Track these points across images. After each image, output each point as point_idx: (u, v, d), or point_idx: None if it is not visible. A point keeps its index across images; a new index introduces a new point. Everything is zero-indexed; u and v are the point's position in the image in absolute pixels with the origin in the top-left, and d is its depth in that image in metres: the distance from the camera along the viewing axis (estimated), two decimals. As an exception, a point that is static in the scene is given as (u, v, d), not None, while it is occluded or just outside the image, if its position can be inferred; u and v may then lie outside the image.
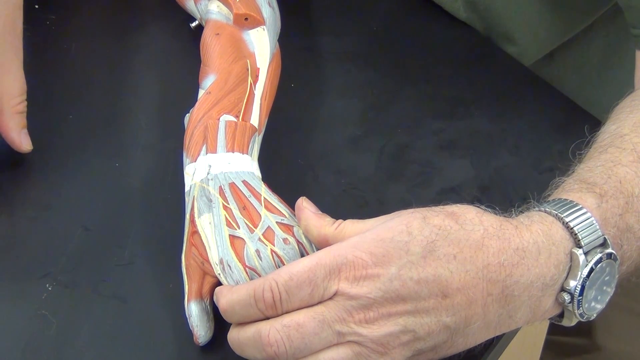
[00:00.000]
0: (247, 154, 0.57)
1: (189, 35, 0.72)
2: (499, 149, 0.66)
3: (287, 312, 0.47)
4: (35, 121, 0.66)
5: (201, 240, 0.53)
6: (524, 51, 0.76)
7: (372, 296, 0.46)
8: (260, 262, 0.50)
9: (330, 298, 0.46)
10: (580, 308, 0.49)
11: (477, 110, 0.69)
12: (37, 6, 0.73)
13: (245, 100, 0.60)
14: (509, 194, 0.63)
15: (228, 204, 0.53)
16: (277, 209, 0.53)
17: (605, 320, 0.94)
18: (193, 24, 0.72)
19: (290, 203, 0.54)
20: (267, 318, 0.48)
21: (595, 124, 0.62)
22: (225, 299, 0.49)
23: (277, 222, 0.52)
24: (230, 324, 0.51)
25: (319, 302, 0.47)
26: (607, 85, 0.81)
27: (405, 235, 0.47)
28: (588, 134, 0.57)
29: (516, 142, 0.67)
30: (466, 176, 0.64)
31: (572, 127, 0.68)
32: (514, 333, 0.59)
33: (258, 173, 0.57)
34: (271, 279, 0.47)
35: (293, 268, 0.47)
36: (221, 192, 0.54)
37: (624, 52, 0.78)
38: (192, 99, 0.61)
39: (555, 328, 0.52)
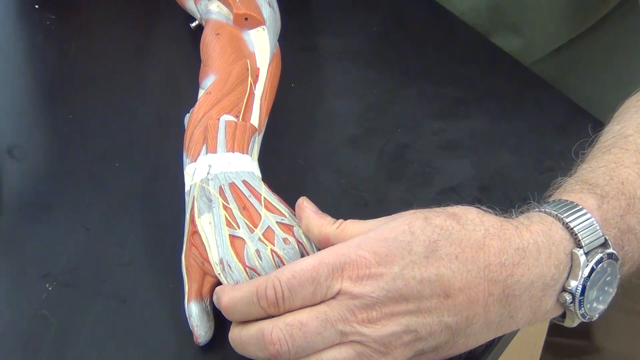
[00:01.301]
0: (247, 153, 0.57)
1: (189, 35, 0.72)
2: (499, 149, 0.66)
3: (289, 311, 0.47)
4: (35, 121, 0.66)
5: (201, 240, 0.53)
6: (530, 45, 0.75)
7: (375, 295, 0.46)
8: (260, 262, 0.50)
9: (333, 297, 0.47)
10: (582, 308, 0.49)
11: (477, 110, 0.69)
12: (37, 6, 0.73)
13: (245, 100, 0.60)
14: (509, 194, 0.63)
15: (228, 203, 0.53)
16: (277, 209, 0.53)
17: (604, 321, 0.94)
18: (193, 24, 0.72)
19: (290, 203, 0.54)
20: (269, 316, 0.48)
21: (596, 124, 0.62)
22: (227, 296, 0.49)
23: (277, 222, 0.52)
24: (231, 324, 0.51)
25: (322, 301, 0.47)
26: (610, 84, 0.81)
27: (408, 235, 0.47)
28: (592, 133, 0.57)
29: (516, 142, 0.67)
30: (466, 176, 0.64)
31: (573, 127, 0.67)
32: (513, 333, 0.59)
33: (258, 173, 0.57)
34: (274, 276, 0.47)
35: (296, 266, 0.47)
36: (221, 192, 0.54)
37: (630, 52, 0.78)
38: (192, 99, 0.61)
39: (554, 329, 0.52)
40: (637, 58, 0.63)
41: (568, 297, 0.48)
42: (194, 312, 0.53)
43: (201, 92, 0.61)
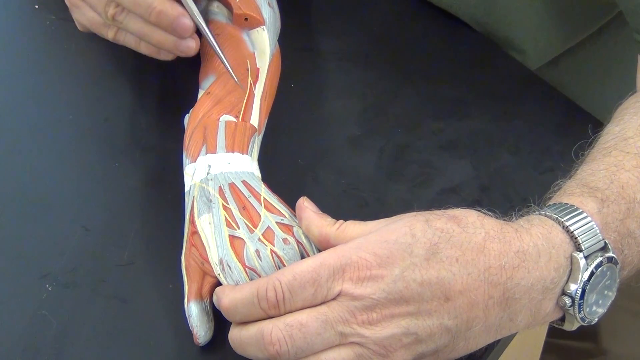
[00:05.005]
0: (247, 154, 0.57)
1: (189, 35, 0.72)
2: (499, 149, 0.66)
3: (290, 312, 0.47)
4: (35, 121, 0.66)
5: (201, 240, 0.53)
6: (526, 57, 0.75)
7: (375, 297, 0.46)
8: (260, 262, 0.50)
9: (334, 298, 0.47)
10: (582, 312, 0.49)
11: (477, 111, 0.69)
12: (37, 6, 0.73)
13: (245, 100, 0.60)
14: (509, 194, 0.63)
15: (228, 204, 0.53)
16: (277, 209, 0.53)
17: (610, 324, 0.94)
18: (193, 24, 0.72)
19: (290, 203, 0.54)
20: (269, 317, 0.48)
21: (596, 124, 0.62)
22: (227, 297, 0.49)
23: (276, 222, 0.52)
24: (231, 324, 0.51)
25: (322, 303, 0.47)
26: (610, 93, 0.81)
27: (409, 237, 0.47)
28: (591, 134, 0.57)
29: (516, 142, 0.67)
30: (466, 176, 0.64)
31: (572, 127, 0.67)
32: (513, 335, 0.59)
33: (258, 173, 0.57)
34: (275, 278, 0.47)
35: (297, 268, 0.47)
36: (221, 192, 0.54)
37: (629, 61, 0.78)
38: (192, 99, 0.61)
39: (560, 332, 0.52)
40: (635, 69, 0.63)
41: (568, 301, 0.48)
42: (194, 312, 0.53)
43: (201, 92, 0.61)
